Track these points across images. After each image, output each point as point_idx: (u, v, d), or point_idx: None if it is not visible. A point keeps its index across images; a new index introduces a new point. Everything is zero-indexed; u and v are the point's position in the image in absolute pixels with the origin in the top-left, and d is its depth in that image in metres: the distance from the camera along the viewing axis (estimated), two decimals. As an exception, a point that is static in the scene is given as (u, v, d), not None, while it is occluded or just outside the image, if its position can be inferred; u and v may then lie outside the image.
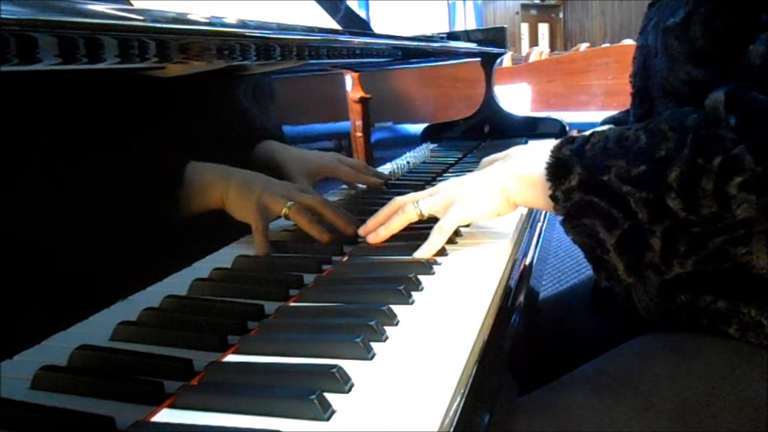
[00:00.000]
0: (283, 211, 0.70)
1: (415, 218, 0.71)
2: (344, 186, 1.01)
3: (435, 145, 1.45)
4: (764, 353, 0.60)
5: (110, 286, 0.53)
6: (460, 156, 1.36)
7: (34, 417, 0.41)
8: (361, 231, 0.74)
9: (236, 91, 0.75)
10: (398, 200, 0.73)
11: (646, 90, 0.73)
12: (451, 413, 0.41)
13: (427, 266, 0.64)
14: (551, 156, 0.62)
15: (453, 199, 0.70)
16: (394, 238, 0.74)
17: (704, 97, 0.60)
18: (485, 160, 1.05)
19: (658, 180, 0.54)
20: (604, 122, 1.02)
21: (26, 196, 0.46)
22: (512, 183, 0.68)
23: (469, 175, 0.74)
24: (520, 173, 0.67)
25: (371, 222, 0.74)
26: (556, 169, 0.61)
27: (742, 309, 0.60)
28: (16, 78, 0.42)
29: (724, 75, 0.59)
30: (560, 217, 0.62)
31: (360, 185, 1.02)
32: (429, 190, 0.73)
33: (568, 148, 0.62)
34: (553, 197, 0.62)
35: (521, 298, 0.65)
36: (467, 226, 0.77)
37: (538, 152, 0.65)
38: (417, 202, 0.71)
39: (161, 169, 0.61)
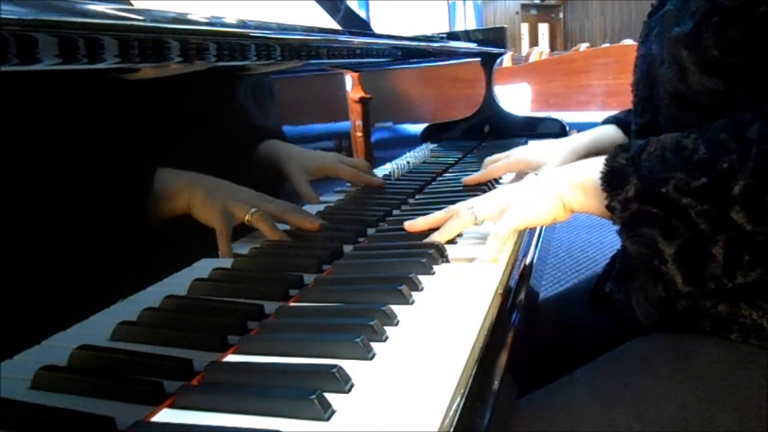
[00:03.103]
0: (246, 217, 0.69)
1: (470, 223, 0.71)
2: (346, 185, 1.01)
3: (435, 145, 1.45)
4: (765, 354, 0.60)
5: (110, 286, 0.53)
6: (460, 156, 1.37)
7: (34, 417, 0.41)
8: (407, 225, 0.75)
9: (237, 92, 0.75)
10: (452, 207, 0.73)
11: (650, 99, 0.73)
12: (451, 413, 0.41)
13: (427, 266, 0.65)
14: (606, 165, 0.61)
15: (508, 204, 0.69)
16: (398, 238, 0.75)
17: (723, 105, 0.59)
18: (488, 159, 1.05)
19: (720, 193, 0.53)
20: (605, 121, 1.02)
21: (26, 196, 0.46)
22: (568, 189, 0.67)
23: (523, 181, 0.74)
24: (575, 179, 0.67)
25: (422, 221, 0.74)
26: (612, 179, 0.60)
27: (743, 311, 0.60)
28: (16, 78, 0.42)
29: (740, 83, 0.59)
30: (617, 226, 0.62)
31: (361, 184, 1.02)
32: (483, 196, 0.73)
33: (623, 156, 0.61)
34: (609, 207, 0.61)
35: (521, 299, 0.65)
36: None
37: (593, 159, 0.64)
38: (472, 206, 0.71)
39: (161, 168, 0.61)
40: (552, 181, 0.69)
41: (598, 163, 0.62)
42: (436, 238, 0.71)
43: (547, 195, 0.68)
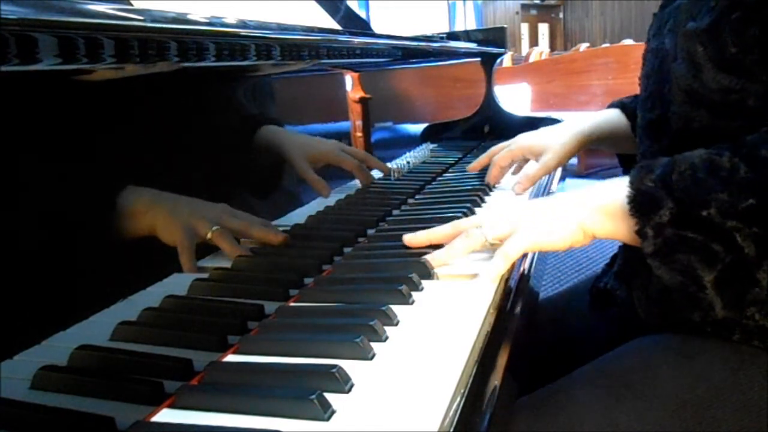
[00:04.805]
0: (208, 235, 0.66)
1: (479, 245, 0.65)
2: (345, 185, 1.01)
3: (435, 145, 1.45)
4: (766, 355, 0.60)
5: (110, 286, 0.53)
6: (460, 156, 1.37)
7: (34, 417, 0.41)
8: (406, 239, 0.70)
9: (237, 92, 0.75)
10: (458, 223, 0.68)
11: (660, 94, 0.71)
12: (451, 413, 0.41)
13: (427, 266, 0.64)
14: (632, 188, 0.57)
15: (520, 224, 0.64)
16: (398, 238, 0.74)
17: (737, 103, 0.58)
18: (492, 149, 1.05)
19: None
20: (611, 105, 1.00)
21: (26, 196, 0.46)
22: (591, 215, 0.62)
23: (542, 200, 0.69)
24: (600, 204, 0.62)
25: (423, 235, 0.69)
26: (641, 203, 0.56)
27: (746, 312, 0.60)
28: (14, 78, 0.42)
29: (755, 82, 0.57)
30: (648, 253, 0.57)
31: (362, 183, 1.02)
32: (494, 214, 0.68)
33: (650, 178, 0.56)
34: (641, 233, 0.57)
35: (521, 299, 0.65)
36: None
37: (616, 181, 0.61)
38: (482, 226, 0.66)
39: (160, 168, 0.61)
40: (573, 205, 0.63)
41: (623, 186, 0.58)
42: (442, 257, 0.66)
43: (566, 219, 0.63)
